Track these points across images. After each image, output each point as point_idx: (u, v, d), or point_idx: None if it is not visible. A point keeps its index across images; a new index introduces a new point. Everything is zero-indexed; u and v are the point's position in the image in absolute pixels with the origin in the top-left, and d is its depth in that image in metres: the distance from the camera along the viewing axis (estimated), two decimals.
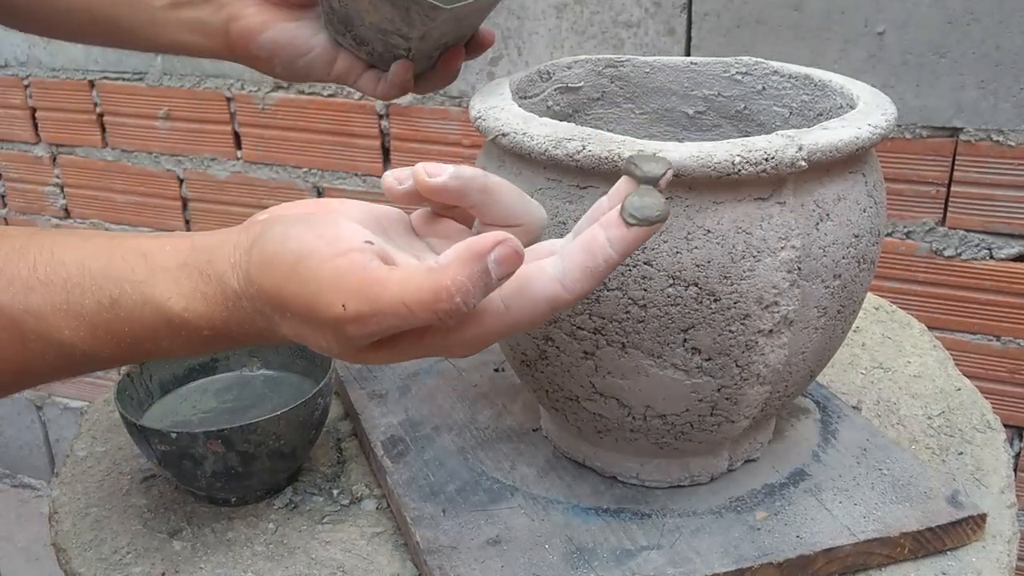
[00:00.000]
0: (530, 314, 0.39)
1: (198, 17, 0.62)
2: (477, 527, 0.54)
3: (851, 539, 0.52)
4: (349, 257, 0.37)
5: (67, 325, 0.41)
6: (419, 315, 0.36)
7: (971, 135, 1.05)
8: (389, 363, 0.41)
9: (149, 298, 0.41)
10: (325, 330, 0.39)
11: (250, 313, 0.40)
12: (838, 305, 0.52)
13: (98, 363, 0.43)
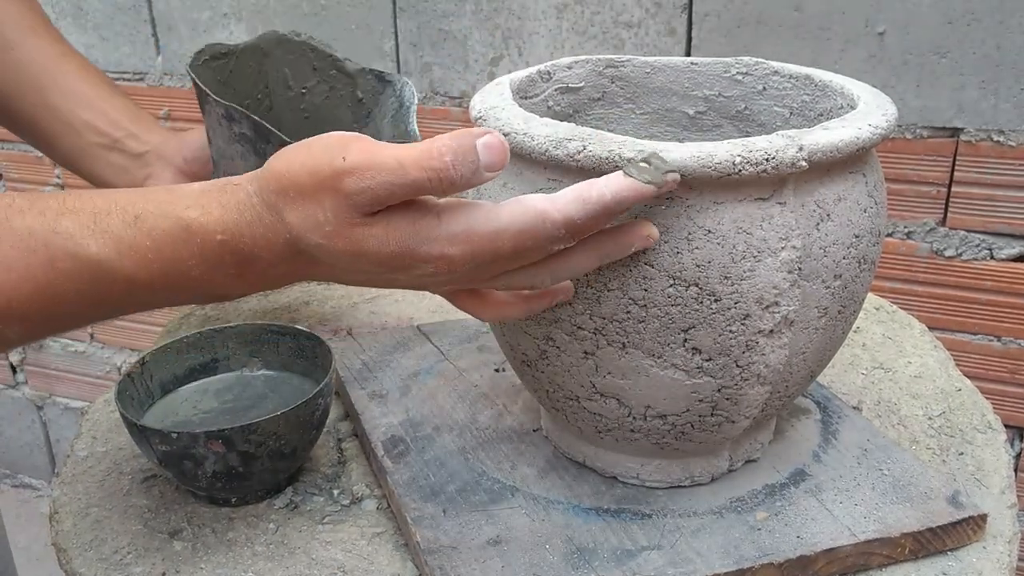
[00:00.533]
0: (520, 219, 0.42)
1: (123, 165, 0.71)
2: (478, 527, 0.54)
3: (852, 539, 0.52)
4: (354, 134, 0.43)
5: (94, 241, 0.44)
6: (411, 171, 0.40)
7: (972, 135, 1.05)
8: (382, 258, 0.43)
9: (169, 211, 0.44)
10: (324, 194, 0.42)
11: (259, 210, 0.44)
12: (839, 305, 0.52)
13: (122, 282, 0.45)
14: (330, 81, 0.73)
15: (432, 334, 0.77)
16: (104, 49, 1.49)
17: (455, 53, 1.27)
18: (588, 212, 0.42)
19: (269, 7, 1.35)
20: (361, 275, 0.45)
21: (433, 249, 0.42)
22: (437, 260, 0.42)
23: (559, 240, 0.43)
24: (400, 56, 1.30)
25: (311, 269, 0.46)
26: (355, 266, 0.44)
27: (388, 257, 0.43)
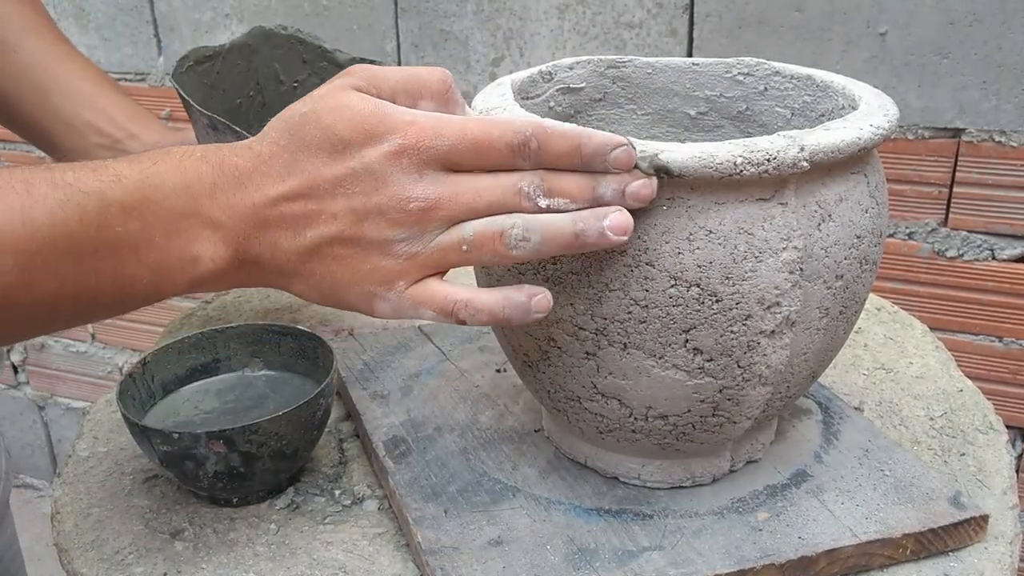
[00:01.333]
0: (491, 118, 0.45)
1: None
2: (479, 528, 0.54)
3: (853, 540, 0.52)
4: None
5: (71, 168, 0.43)
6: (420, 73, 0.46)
7: (973, 136, 1.05)
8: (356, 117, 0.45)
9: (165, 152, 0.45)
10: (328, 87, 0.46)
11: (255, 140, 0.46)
12: (840, 306, 0.52)
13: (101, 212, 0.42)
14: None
15: (433, 334, 0.77)
16: (106, 50, 1.50)
17: (456, 54, 1.27)
18: (569, 134, 0.44)
19: (271, 8, 1.35)
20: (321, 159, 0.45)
21: (404, 116, 0.44)
22: (406, 126, 0.44)
23: (524, 145, 0.44)
24: (402, 57, 1.30)
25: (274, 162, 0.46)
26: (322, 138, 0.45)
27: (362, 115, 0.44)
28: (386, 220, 0.44)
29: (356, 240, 0.45)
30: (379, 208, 0.44)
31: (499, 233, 0.44)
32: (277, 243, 0.45)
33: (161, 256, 0.44)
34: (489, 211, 0.44)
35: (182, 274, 0.44)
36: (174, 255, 0.44)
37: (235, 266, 0.46)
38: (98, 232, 0.42)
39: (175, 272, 0.44)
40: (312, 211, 0.45)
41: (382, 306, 0.46)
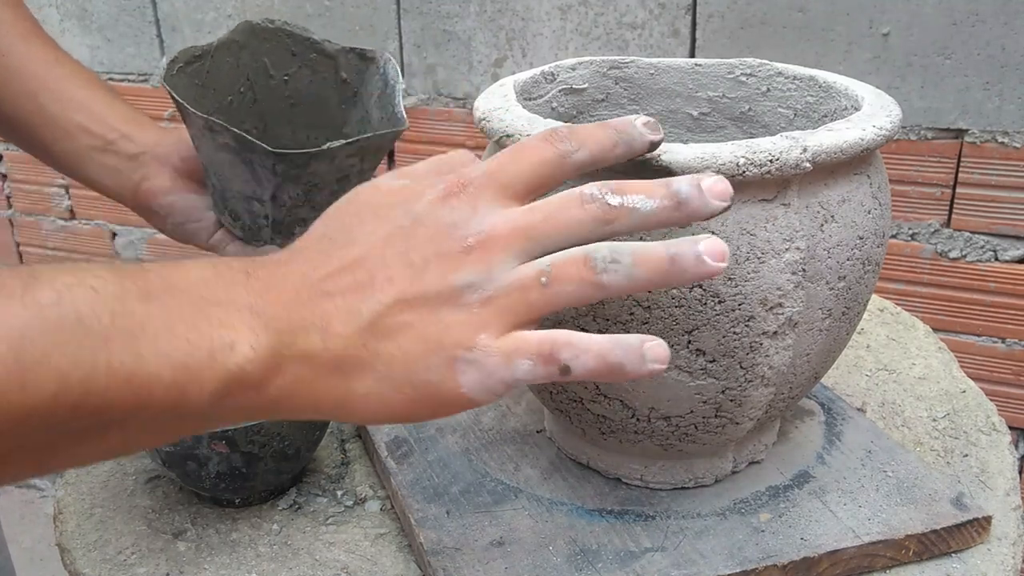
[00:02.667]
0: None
1: (116, 167, 0.70)
2: (481, 528, 0.54)
3: (855, 541, 0.52)
4: None
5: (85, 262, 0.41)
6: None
7: (976, 136, 1.05)
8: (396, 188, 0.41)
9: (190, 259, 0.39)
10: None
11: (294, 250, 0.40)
12: (843, 307, 0.52)
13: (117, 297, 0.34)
14: (311, 64, 0.71)
15: None
16: (109, 50, 1.50)
17: (459, 54, 1.27)
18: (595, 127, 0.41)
19: (273, 8, 1.35)
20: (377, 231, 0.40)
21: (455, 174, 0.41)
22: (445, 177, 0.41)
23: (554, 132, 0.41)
24: (404, 57, 1.30)
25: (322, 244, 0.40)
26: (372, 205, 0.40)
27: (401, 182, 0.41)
28: (446, 264, 0.38)
29: (419, 298, 0.38)
30: (436, 253, 0.38)
31: (583, 258, 0.38)
32: (329, 327, 0.37)
33: (186, 347, 0.34)
34: (554, 226, 0.39)
35: (212, 370, 0.35)
36: (203, 344, 0.35)
37: (277, 365, 0.36)
38: (112, 319, 0.33)
39: (203, 368, 0.34)
40: (363, 281, 0.38)
41: (468, 374, 0.38)
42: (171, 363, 0.34)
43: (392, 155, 1.37)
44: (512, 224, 0.39)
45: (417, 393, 0.38)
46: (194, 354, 0.34)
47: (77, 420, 0.32)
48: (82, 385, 0.32)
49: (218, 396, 0.35)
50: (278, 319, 0.37)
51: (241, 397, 0.36)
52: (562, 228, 0.39)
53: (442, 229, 0.39)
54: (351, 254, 0.39)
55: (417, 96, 1.32)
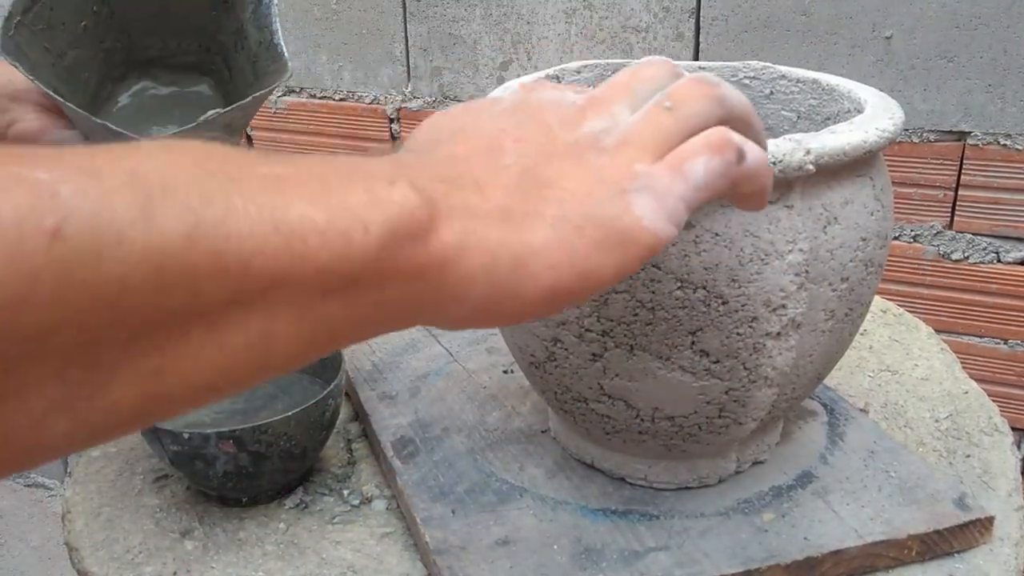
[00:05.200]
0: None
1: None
2: (486, 528, 0.55)
3: (858, 541, 0.53)
4: None
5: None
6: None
7: (978, 139, 1.05)
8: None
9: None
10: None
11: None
12: (846, 308, 0.52)
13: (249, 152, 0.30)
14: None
15: (441, 336, 0.77)
16: None
17: (465, 57, 1.28)
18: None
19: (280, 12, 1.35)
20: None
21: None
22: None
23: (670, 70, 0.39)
24: (410, 60, 1.31)
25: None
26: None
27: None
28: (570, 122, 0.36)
29: (559, 149, 0.35)
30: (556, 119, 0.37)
31: (695, 77, 0.38)
32: (481, 183, 0.33)
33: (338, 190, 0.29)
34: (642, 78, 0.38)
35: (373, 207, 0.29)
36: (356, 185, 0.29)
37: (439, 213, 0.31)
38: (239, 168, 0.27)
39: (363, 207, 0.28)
40: (494, 147, 0.35)
41: (643, 203, 0.34)
42: (323, 206, 0.28)
43: None
44: (608, 86, 0.38)
45: (600, 234, 0.33)
46: (348, 196, 0.28)
47: (217, 279, 0.25)
48: (220, 227, 0.25)
49: (386, 243, 0.29)
50: (423, 178, 0.31)
51: (410, 251, 0.29)
52: (647, 80, 0.38)
53: (548, 103, 0.37)
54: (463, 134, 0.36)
55: (423, 98, 1.33)
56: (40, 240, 0.22)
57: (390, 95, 1.34)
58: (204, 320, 0.26)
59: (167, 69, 0.69)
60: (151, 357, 0.25)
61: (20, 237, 0.22)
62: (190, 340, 0.25)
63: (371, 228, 0.28)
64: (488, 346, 0.75)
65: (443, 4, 1.26)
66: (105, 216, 0.23)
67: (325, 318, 0.28)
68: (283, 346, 0.28)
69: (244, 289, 0.26)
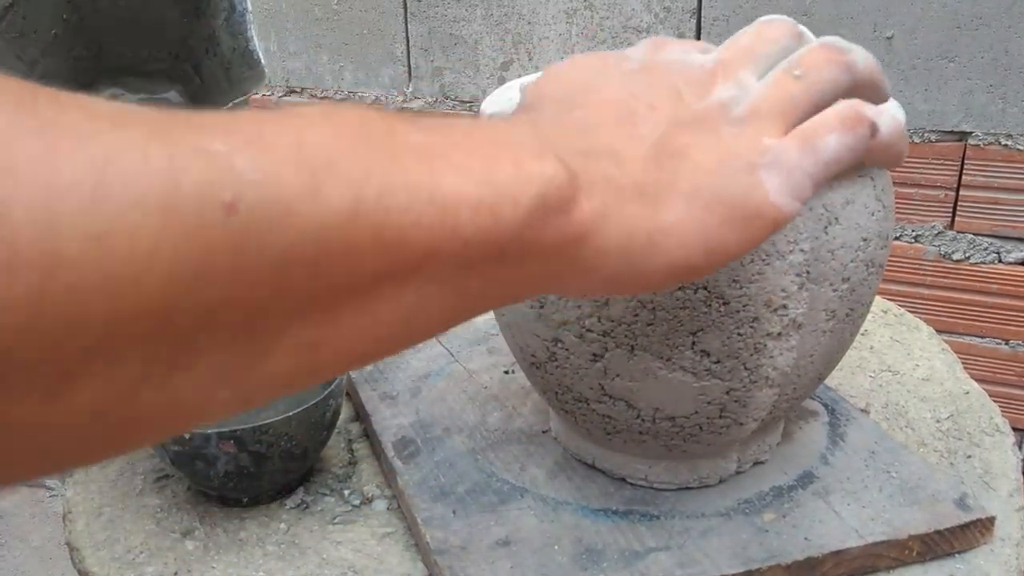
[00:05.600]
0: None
1: None
2: (487, 528, 0.55)
3: (859, 541, 0.53)
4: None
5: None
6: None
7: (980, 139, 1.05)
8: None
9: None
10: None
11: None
12: (847, 308, 0.52)
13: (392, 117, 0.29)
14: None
15: (442, 336, 0.77)
16: None
17: (466, 57, 1.28)
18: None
19: (281, 12, 1.36)
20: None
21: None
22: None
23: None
24: (411, 60, 1.31)
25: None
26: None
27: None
28: (699, 87, 0.37)
29: (691, 119, 0.36)
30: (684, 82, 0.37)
31: (820, 44, 0.38)
32: (618, 153, 0.34)
33: (486, 164, 0.29)
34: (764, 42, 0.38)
35: (522, 182, 0.29)
36: (504, 158, 0.30)
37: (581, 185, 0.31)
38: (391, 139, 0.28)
39: (512, 182, 0.29)
40: (625, 114, 0.35)
41: (772, 178, 0.34)
42: (475, 179, 0.28)
43: None
44: (733, 49, 0.38)
45: (728, 211, 0.34)
46: (498, 169, 0.29)
47: (376, 253, 0.26)
48: (380, 200, 0.26)
49: (533, 217, 0.29)
50: (563, 148, 0.32)
51: (554, 222, 0.30)
52: (771, 42, 0.38)
53: (675, 65, 0.37)
54: (594, 97, 0.36)
55: (424, 99, 1.33)
56: (217, 214, 0.22)
57: (391, 95, 1.34)
58: (360, 293, 0.26)
59: (137, 76, 0.68)
60: (309, 329, 0.25)
61: (200, 211, 0.22)
62: (345, 312, 0.26)
63: (521, 201, 0.28)
64: (489, 346, 0.75)
65: (444, 4, 1.26)
66: (276, 190, 0.23)
67: (468, 290, 0.29)
68: (429, 317, 0.28)
69: (399, 262, 0.26)
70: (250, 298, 0.23)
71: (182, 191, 0.21)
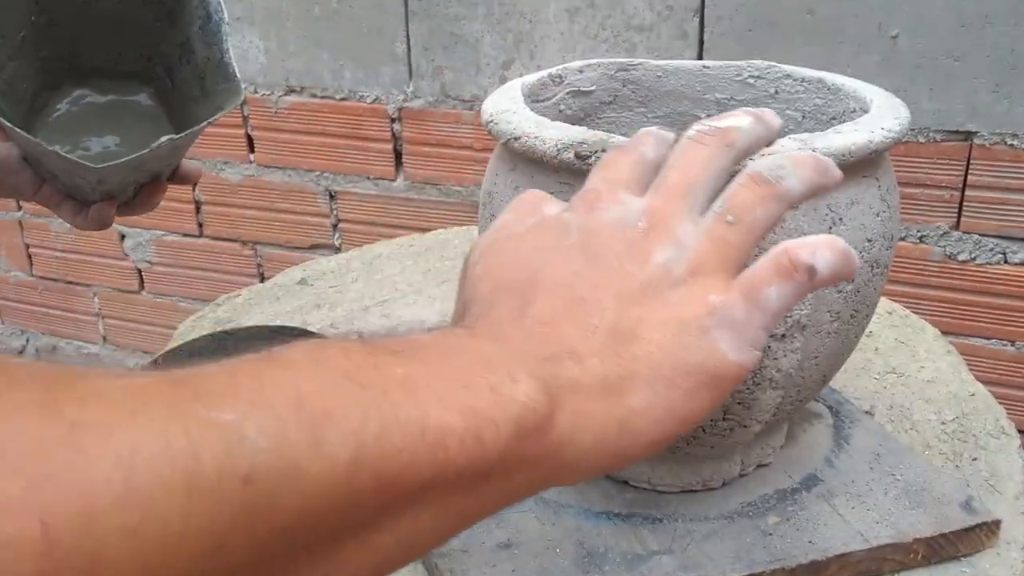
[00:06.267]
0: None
1: None
2: (488, 531, 0.54)
3: (864, 545, 0.52)
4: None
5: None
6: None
7: (985, 139, 1.04)
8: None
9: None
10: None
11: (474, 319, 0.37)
12: (851, 310, 0.51)
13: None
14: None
15: None
16: None
17: (467, 57, 1.27)
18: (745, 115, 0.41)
19: (281, 11, 1.35)
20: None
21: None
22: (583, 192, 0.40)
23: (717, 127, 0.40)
24: (412, 60, 1.31)
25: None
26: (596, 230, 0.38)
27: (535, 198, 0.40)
28: (637, 253, 0.37)
29: (636, 290, 0.36)
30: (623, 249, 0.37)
31: (748, 179, 0.37)
32: (575, 350, 0.35)
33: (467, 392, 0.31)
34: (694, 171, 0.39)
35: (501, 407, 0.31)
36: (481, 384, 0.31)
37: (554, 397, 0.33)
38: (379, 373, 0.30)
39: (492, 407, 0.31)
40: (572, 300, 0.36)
41: (725, 337, 0.35)
42: (459, 408, 0.30)
43: (400, 156, 1.38)
44: (663, 194, 0.38)
45: (691, 380, 0.35)
46: (478, 397, 0.31)
47: (376, 496, 0.28)
48: (378, 445, 0.27)
49: (512, 439, 0.31)
50: (527, 358, 0.34)
51: (529, 442, 0.32)
52: (701, 169, 0.38)
53: (611, 229, 0.38)
54: (543, 285, 0.37)
55: (425, 98, 1.33)
56: (235, 485, 0.24)
57: (392, 95, 1.34)
58: (361, 530, 0.28)
59: (106, 77, 0.68)
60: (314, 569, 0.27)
61: (220, 486, 0.23)
62: (347, 549, 0.28)
63: (501, 427, 0.30)
64: None
65: (445, 3, 1.25)
66: (285, 453, 0.25)
67: (460, 510, 0.31)
68: (425, 538, 0.31)
69: (396, 498, 0.28)
70: (264, 555, 0.25)
71: (203, 469, 0.23)
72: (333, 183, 1.44)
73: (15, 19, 0.63)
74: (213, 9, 0.64)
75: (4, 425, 0.22)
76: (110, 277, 1.70)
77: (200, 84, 0.64)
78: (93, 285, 1.73)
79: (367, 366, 0.29)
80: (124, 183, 0.61)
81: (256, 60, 1.40)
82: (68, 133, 0.66)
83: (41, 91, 0.65)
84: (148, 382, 0.25)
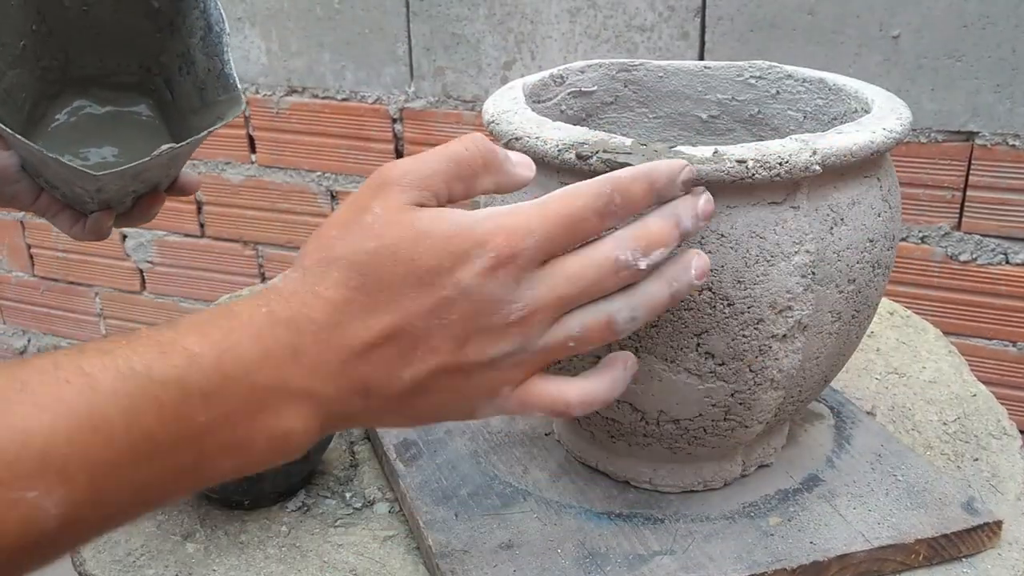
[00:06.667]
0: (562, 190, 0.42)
1: None
2: (490, 531, 0.54)
3: (865, 545, 0.52)
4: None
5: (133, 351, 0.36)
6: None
7: (987, 139, 1.04)
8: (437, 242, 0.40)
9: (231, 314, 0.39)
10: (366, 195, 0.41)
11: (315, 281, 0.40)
12: (852, 310, 0.51)
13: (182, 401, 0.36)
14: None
15: None
16: None
17: (468, 57, 1.27)
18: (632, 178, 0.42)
19: (283, 10, 1.35)
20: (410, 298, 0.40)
21: (486, 224, 0.40)
22: (493, 236, 0.40)
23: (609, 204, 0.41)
24: (413, 60, 1.31)
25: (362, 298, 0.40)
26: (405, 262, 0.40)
27: (443, 239, 0.39)
28: (489, 338, 0.40)
29: (459, 367, 0.40)
30: (479, 328, 0.40)
31: (606, 322, 0.42)
32: (371, 391, 0.40)
33: (246, 439, 0.37)
34: (589, 294, 0.42)
35: (270, 453, 0.38)
36: (261, 436, 0.38)
37: (324, 429, 0.40)
38: (178, 425, 0.35)
39: (263, 452, 0.38)
40: (406, 349, 0.40)
41: (484, 411, 0.43)
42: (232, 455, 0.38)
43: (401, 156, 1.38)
44: (554, 296, 0.41)
45: (434, 422, 0.44)
46: (253, 443, 0.38)
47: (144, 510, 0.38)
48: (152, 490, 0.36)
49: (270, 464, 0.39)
50: (328, 397, 0.39)
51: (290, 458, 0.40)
52: (596, 294, 0.42)
53: (487, 304, 0.40)
54: (394, 321, 0.39)
55: (426, 98, 1.33)
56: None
57: (393, 95, 1.34)
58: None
59: (105, 88, 0.67)
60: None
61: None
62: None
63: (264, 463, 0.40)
64: None
65: (446, 3, 1.25)
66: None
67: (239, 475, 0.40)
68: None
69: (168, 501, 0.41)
70: None
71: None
72: (334, 183, 1.44)
73: (16, 27, 0.63)
74: (214, 20, 0.64)
75: None
76: (111, 277, 1.71)
77: (200, 95, 0.64)
78: (94, 285, 1.73)
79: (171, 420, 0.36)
80: (122, 193, 0.61)
81: (257, 60, 1.40)
82: (66, 144, 0.66)
83: (40, 101, 0.65)
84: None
